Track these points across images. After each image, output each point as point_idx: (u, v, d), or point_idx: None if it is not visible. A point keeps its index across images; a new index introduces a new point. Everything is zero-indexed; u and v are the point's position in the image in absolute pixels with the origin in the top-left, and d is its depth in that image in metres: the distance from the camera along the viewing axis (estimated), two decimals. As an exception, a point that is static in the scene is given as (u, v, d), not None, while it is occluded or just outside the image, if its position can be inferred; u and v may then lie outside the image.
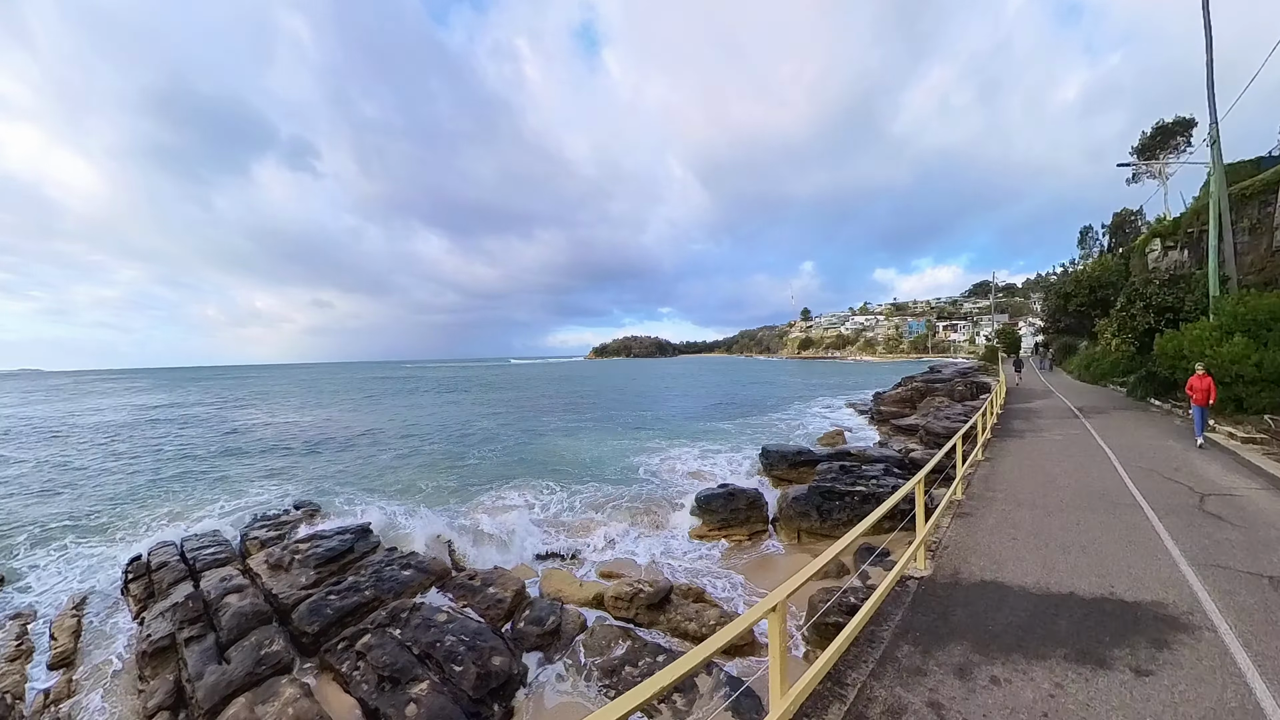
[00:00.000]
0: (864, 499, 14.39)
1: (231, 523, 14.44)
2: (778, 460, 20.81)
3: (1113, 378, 25.80)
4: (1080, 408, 18.07)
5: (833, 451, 20.76)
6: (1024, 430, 13.99)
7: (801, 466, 20.29)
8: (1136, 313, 19.15)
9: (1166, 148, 45.38)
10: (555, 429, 32.79)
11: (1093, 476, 8.89)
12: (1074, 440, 12.28)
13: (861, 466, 17.61)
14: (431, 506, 15.64)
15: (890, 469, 17.25)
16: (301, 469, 22.24)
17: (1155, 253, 29.02)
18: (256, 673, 6.92)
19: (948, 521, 6.96)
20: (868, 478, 15.83)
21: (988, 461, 10.40)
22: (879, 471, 16.76)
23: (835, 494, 14.89)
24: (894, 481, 15.28)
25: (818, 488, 15.30)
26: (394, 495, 17.32)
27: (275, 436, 31.24)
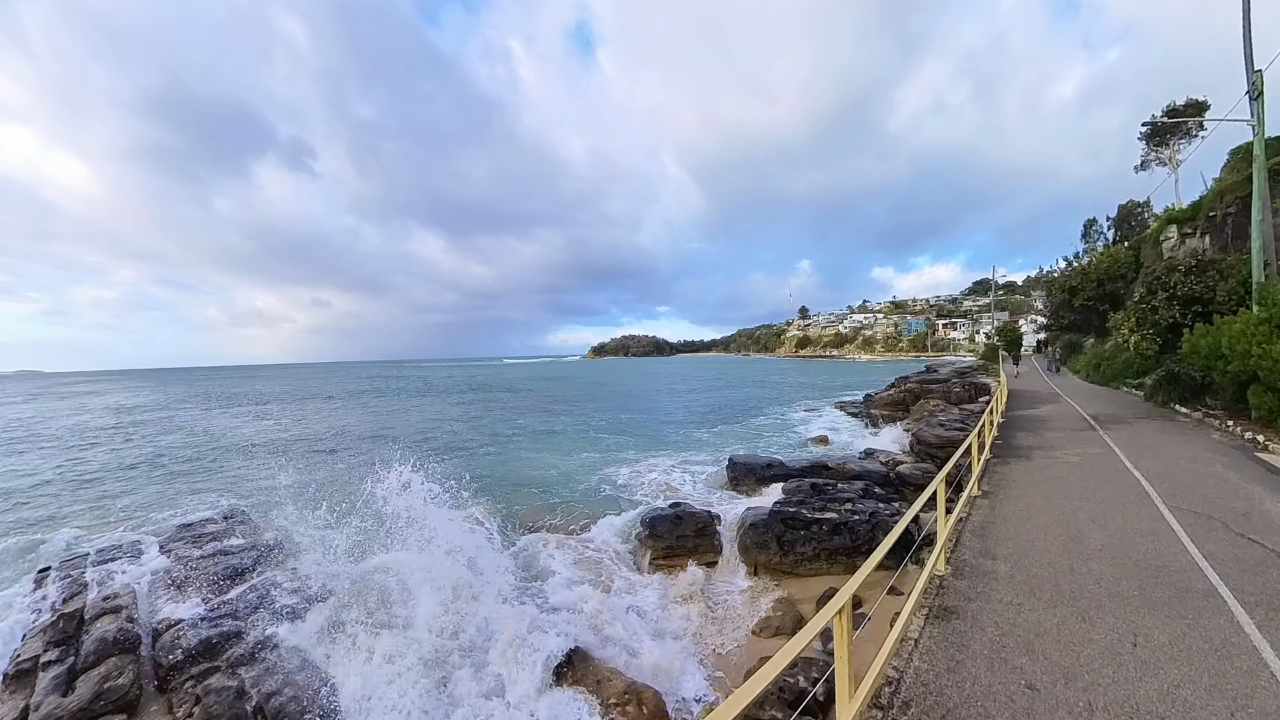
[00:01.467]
0: (833, 530, 11.66)
1: (155, 531, 13.67)
2: (744, 473, 18.26)
3: (1125, 379, 23.09)
4: (1094, 416, 15.37)
5: (807, 464, 18.19)
6: (1030, 448, 11.30)
7: (771, 481, 17.67)
8: (1158, 305, 16.46)
9: (1178, 132, 42.57)
10: (527, 435, 30.45)
11: (1134, 530, 6.22)
12: (1095, 464, 9.60)
13: (837, 485, 14.92)
14: (341, 523, 13.40)
15: (871, 488, 14.65)
16: (250, 474, 20.77)
17: (1171, 240, 26.29)
18: (92, 709, 6.30)
19: (919, 625, 4.30)
20: (841, 500, 13.25)
21: (986, 499, 7.72)
22: (856, 492, 14.18)
23: (800, 522, 12.29)
24: (871, 507, 12.70)
25: (780, 513, 12.68)
26: (328, 505, 15.32)
27: (238, 439, 29.43)
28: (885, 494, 15.26)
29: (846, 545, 11.94)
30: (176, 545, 11.82)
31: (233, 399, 57.66)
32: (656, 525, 12.87)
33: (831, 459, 18.22)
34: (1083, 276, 32.93)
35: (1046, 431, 13.26)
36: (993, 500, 7.57)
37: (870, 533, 12.08)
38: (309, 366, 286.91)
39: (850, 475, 16.87)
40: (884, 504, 14.01)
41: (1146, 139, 43.31)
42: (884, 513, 12.57)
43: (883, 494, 14.63)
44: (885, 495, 14.71)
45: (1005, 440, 12.39)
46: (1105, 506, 7.12)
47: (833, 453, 22.40)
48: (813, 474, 17.64)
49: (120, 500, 17.78)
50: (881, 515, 12.42)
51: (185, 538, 12.43)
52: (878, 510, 12.65)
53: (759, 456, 19.18)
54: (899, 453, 20.40)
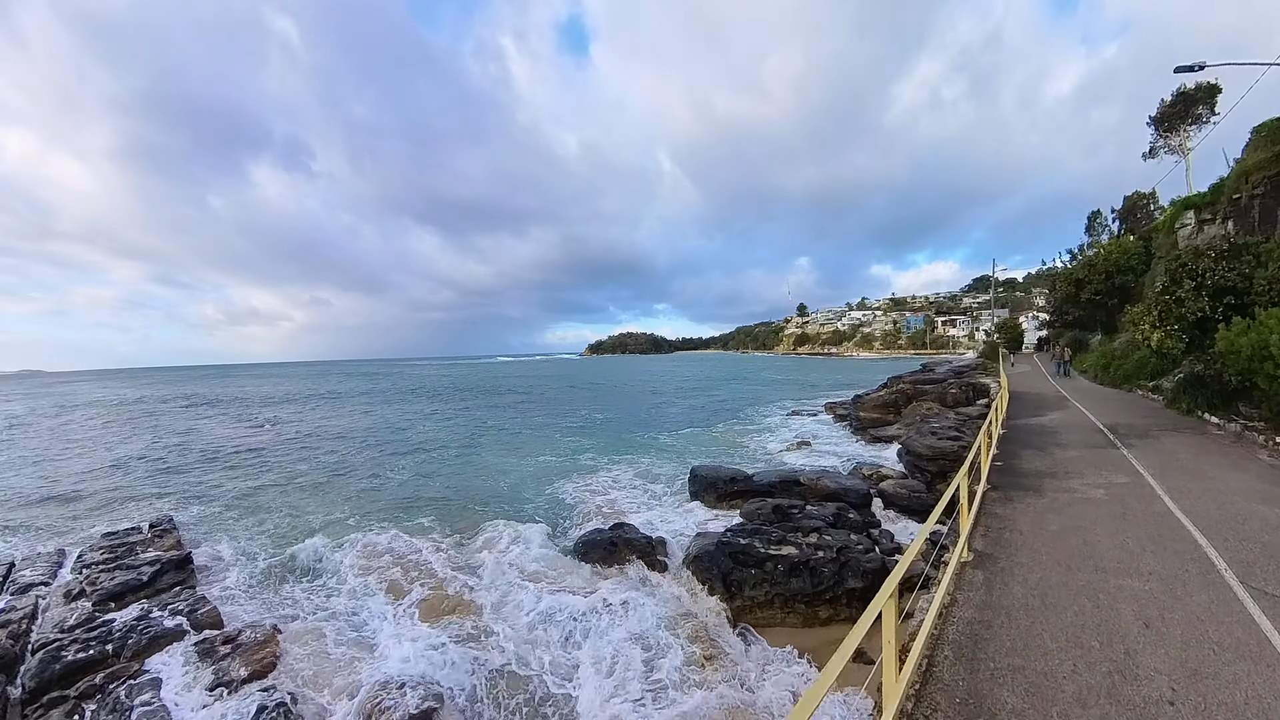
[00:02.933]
0: (791, 570, 9.78)
1: (81, 540, 13.07)
2: (705, 487, 16.08)
3: (1139, 381, 20.63)
4: (1111, 427, 12.94)
5: (777, 478, 15.89)
6: (1040, 475, 8.87)
7: (734, 498, 15.48)
8: (1184, 296, 14.02)
9: (1187, 118, 39.97)
10: (495, 437, 28.82)
11: (1212, 644, 3.83)
12: (1126, 502, 7.18)
13: (805, 507, 12.82)
14: (281, 538, 13.02)
15: (845, 512, 12.37)
16: (203, 480, 19.88)
17: (1188, 228, 23.79)
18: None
19: None
20: (806, 529, 11.02)
21: (980, 569, 5.29)
22: (827, 517, 11.93)
23: (751, 558, 10.26)
24: (841, 540, 10.44)
25: (729, 546, 10.52)
26: (264, 519, 14.76)
27: (204, 443, 28.39)
28: (862, 519, 12.94)
29: (806, 591, 9.63)
30: (92, 555, 11.14)
31: (214, 400, 55.42)
32: (590, 550, 11.45)
33: (806, 472, 15.89)
34: (1090, 269, 30.45)
35: (1057, 449, 10.83)
36: (990, 573, 5.15)
37: (837, 575, 9.75)
38: (306, 365, 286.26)
39: (824, 494, 14.63)
40: (859, 533, 11.70)
41: (1155, 125, 40.69)
42: (856, 548, 10.23)
43: (858, 519, 12.32)
44: (862, 521, 12.40)
45: (1007, 461, 9.97)
46: (1157, 588, 4.70)
47: (811, 463, 20.05)
48: (782, 490, 15.42)
49: (72, 505, 17.08)
50: (852, 552, 10.07)
51: (103, 547, 11.65)
52: (848, 545, 10.33)
53: (723, 468, 16.88)
54: (885, 464, 18.05)
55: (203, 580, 10.47)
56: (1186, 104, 39.07)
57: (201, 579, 10.51)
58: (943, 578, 4.76)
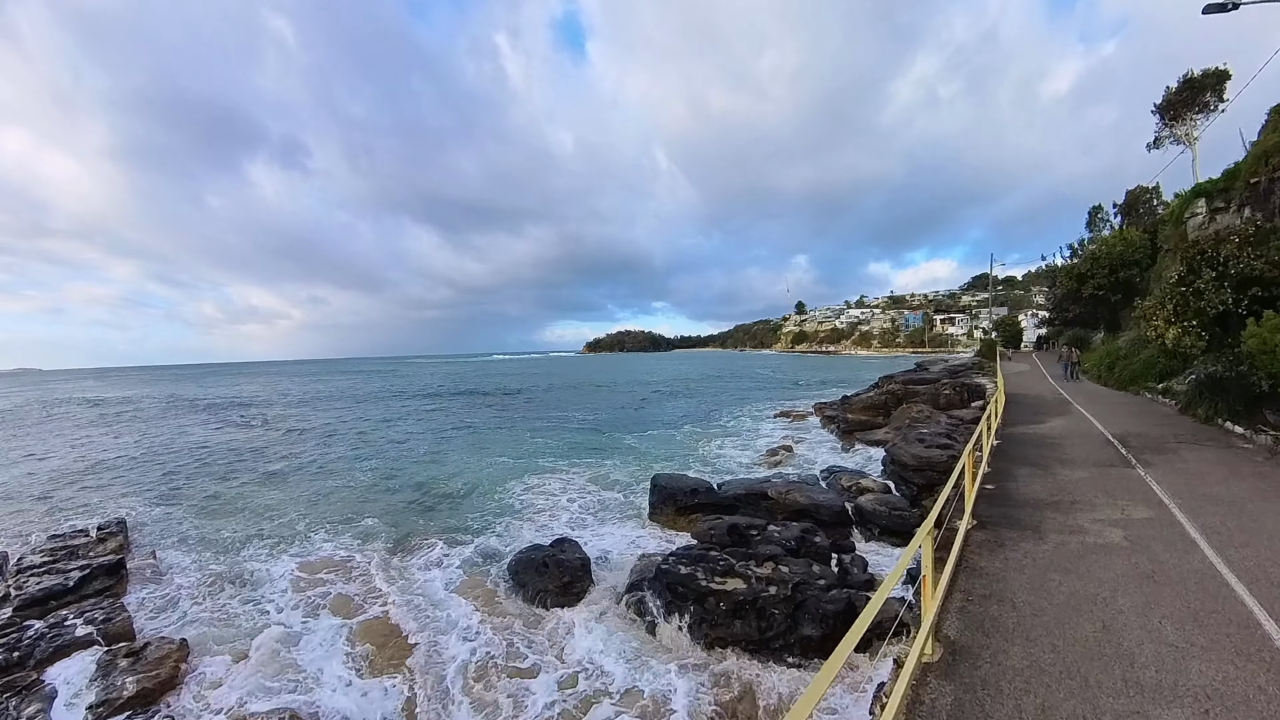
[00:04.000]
0: (735, 609, 8.30)
1: (30, 543, 12.55)
2: (665, 499, 14.40)
3: (1147, 382, 18.84)
4: (1122, 437, 11.15)
5: (743, 490, 14.19)
6: (1040, 506, 7.06)
7: (693, 512, 13.80)
8: (1204, 287, 12.23)
9: (1194, 106, 38.05)
10: (464, 438, 27.82)
11: None
12: (1153, 552, 5.38)
13: (768, 527, 11.28)
14: (227, 545, 12.52)
15: (812, 533, 10.71)
16: (160, 480, 19.49)
17: (1199, 217, 21.97)
18: None
19: None
20: (763, 556, 9.49)
21: (947, 675, 3.49)
22: (790, 540, 10.29)
23: (692, 592, 8.71)
24: (800, 573, 8.76)
25: (668, 574, 9.10)
26: (217, 523, 14.25)
27: (178, 444, 27.66)
28: (832, 542, 11.20)
29: (752, 636, 7.97)
30: (32, 559, 10.76)
31: (199, 399, 53.74)
32: (522, 571, 10.16)
33: (776, 484, 14.14)
34: (1092, 263, 28.62)
35: (1061, 466, 9.03)
36: (963, 689, 3.36)
37: (790, 618, 8.02)
38: (304, 363, 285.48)
39: (793, 510, 12.86)
40: (824, 562, 9.98)
41: (1160, 114, 38.77)
42: (816, 583, 8.50)
43: (825, 544, 10.57)
44: (829, 546, 10.66)
45: (1000, 482, 8.18)
46: None
47: (788, 470, 18.28)
48: (747, 505, 13.65)
49: (34, 506, 16.70)
50: (811, 589, 8.33)
51: (45, 550, 11.26)
52: (808, 580, 8.58)
53: (685, 478, 15.15)
54: (869, 473, 16.28)
55: (134, 587, 10.05)
56: (1193, 91, 37.11)
57: (133, 585, 10.10)
58: (900, 679, 3.03)
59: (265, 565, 11.12)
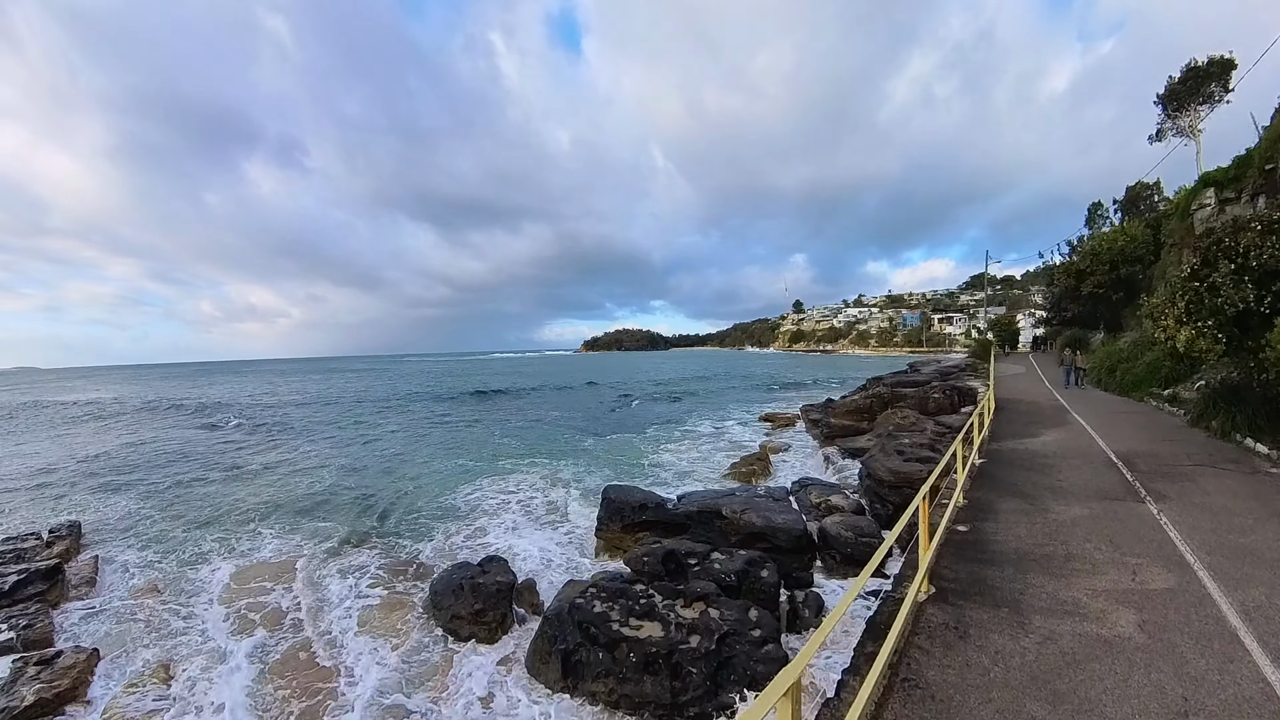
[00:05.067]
0: (645, 663, 6.90)
1: None
2: (613, 514, 12.91)
3: (1151, 388, 17.12)
4: (1127, 457, 9.42)
5: (696, 507, 12.59)
6: (1023, 563, 5.33)
7: (639, 530, 12.41)
8: (1221, 282, 10.51)
9: (1198, 96, 36.20)
10: (435, 437, 27.31)
11: None
12: (1180, 652, 3.69)
13: (710, 556, 9.66)
14: (177, 545, 12.59)
15: (757, 568, 9.11)
16: (128, 481, 19.13)
17: (1208, 208, 20.20)
18: None
19: None
20: (691, 596, 7.98)
21: None
22: (733, 571, 8.89)
23: (602, 638, 7.45)
24: (733, 617, 7.36)
25: (579, 612, 7.77)
26: (174, 525, 14.09)
27: (150, 443, 27.16)
28: (787, 574, 9.56)
29: (663, 699, 6.45)
30: None
31: (190, 398, 52.19)
32: (442, 595, 9.18)
33: (733, 501, 12.45)
34: (1092, 259, 26.84)
35: (1054, 499, 7.30)
36: None
37: (708, 682, 6.45)
38: (303, 361, 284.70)
39: (746, 532, 11.24)
40: (767, 605, 8.33)
41: (1163, 104, 36.90)
42: (749, 634, 6.87)
43: (772, 580, 8.90)
44: (776, 582, 9.01)
45: (977, 521, 6.48)
46: None
47: (755, 485, 16.57)
48: (700, 523, 12.07)
49: None
50: (740, 643, 6.70)
51: None
52: (739, 628, 6.97)
53: (636, 491, 13.54)
54: (842, 490, 14.56)
55: (73, 591, 9.95)
56: (1198, 81, 35.26)
57: (70, 590, 9.96)
58: None
59: (203, 572, 10.97)
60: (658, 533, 12.38)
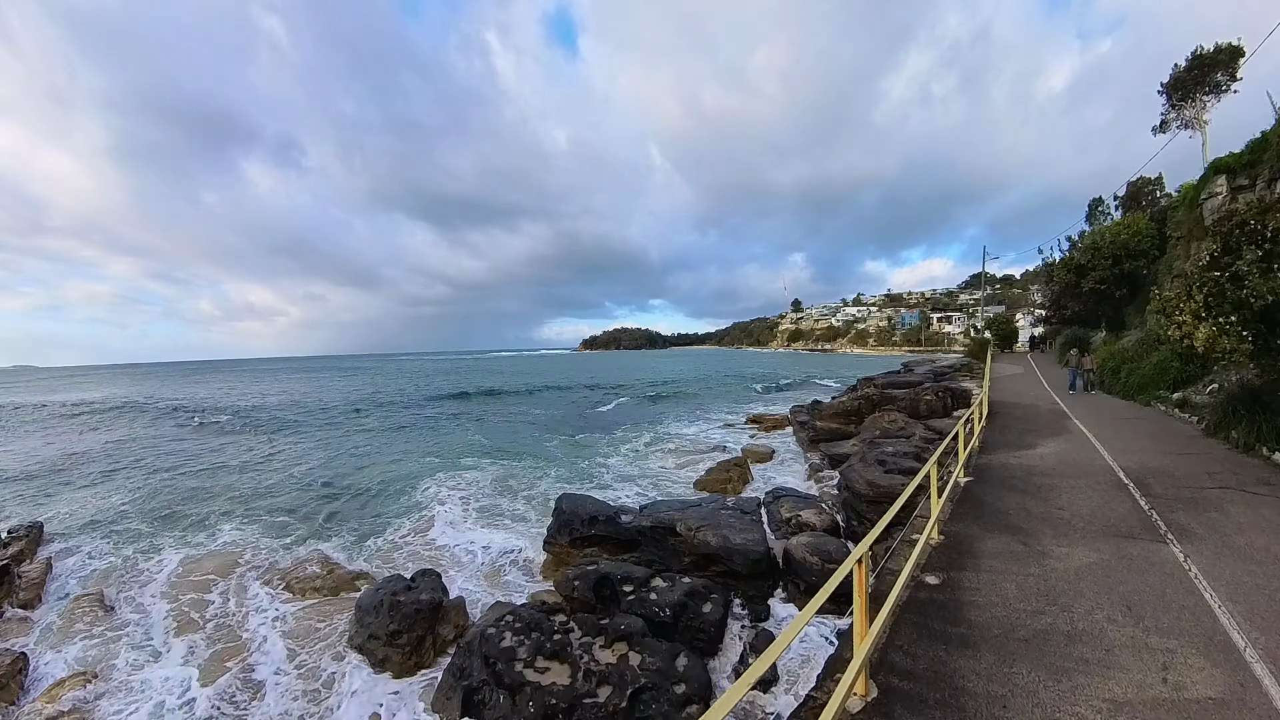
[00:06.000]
0: (545, 715, 5.82)
1: None
2: (563, 526, 11.67)
3: (1159, 391, 15.60)
4: (1139, 477, 7.93)
5: (650, 523, 11.27)
6: (1007, 648, 3.84)
7: (587, 545, 11.24)
8: (1245, 271, 9.01)
9: (1204, 85, 34.60)
10: (405, 435, 27.19)
11: None
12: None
13: (650, 582, 8.57)
14: (133, 538, 12.90)
15: (695, 603, 7.77)
16: (104, 480, 19.10)
17: (1218, 197, 18.66)
18: None
19: None
20: (613, 634, 7.18)
21: None
22: (665, 609, 7.36)
23: (504, 681, 6.51)
24: (655, 665, 6.27)
25: (487, 645, 6.84)
26: (135, 522, 14.13)
27: (132, 442, 26.84)
28: (727, 602, 8.12)
29: None
30: None
31: (181, 398, 50.88)
32: (364, 609, 8.57)
33: (694, 515, 11.07)
34: (1094, 253, 25.28)
35: (1052, 538, 5.80)
36: None
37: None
38: (300, 360, 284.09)
39: (700, 552, 9.85)
40: (703, 648, 6.97)
41: (1167, 94, 35.29)
42: (669, 689, 5.39)
43: (715, 616, 7.47)
44: (722, 616, 7.57)
45: (951, 573, 5.00)
46: None
47: (726, 495, 15.10)
48: (653, 540, 10.77)
49: None
50: (659, 700, 5.21)
51: None
52: (660, 681, 5.63)
53: (589, 502, 12.24)
54: (820, 502, 13.07)
55: (20, 589, 9.97)
56: (1204, 69, 33.63)
57: (21, 588, 10.00)
58: None
59: (150, 574, 10.98)
60: (608, 549, 11.05)
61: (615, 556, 10.83)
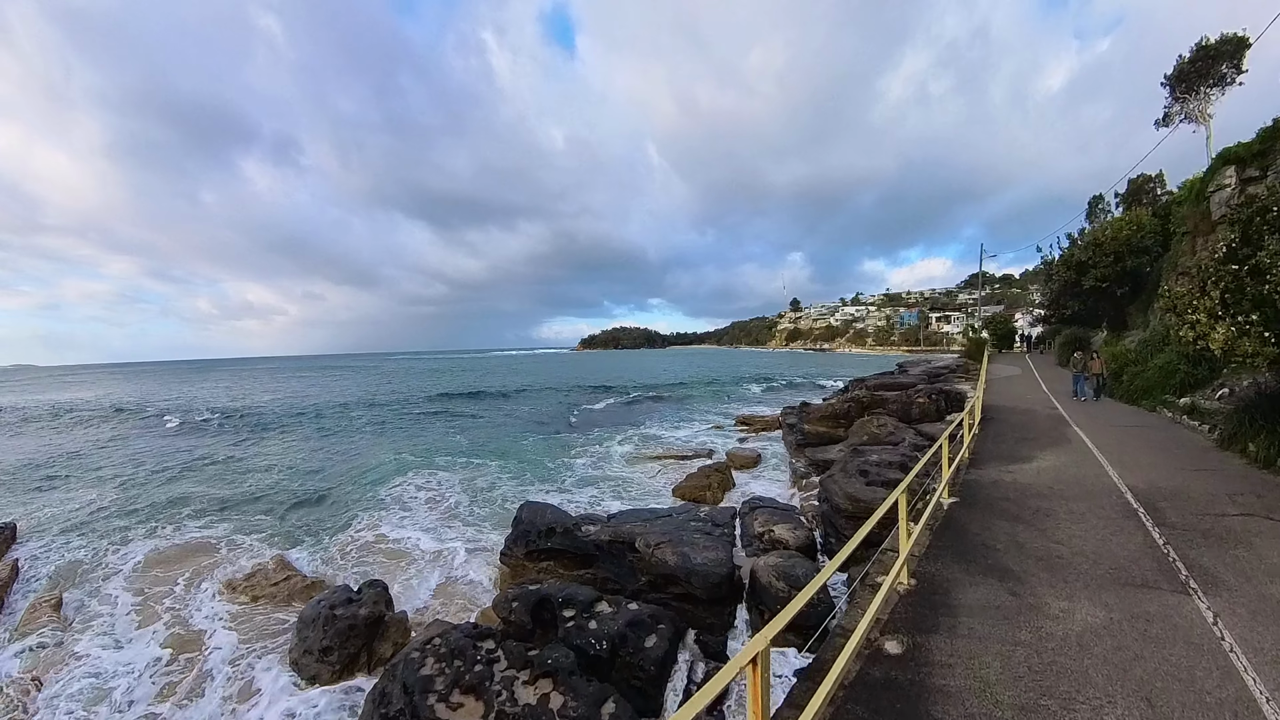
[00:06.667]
0: None
1: None
2: (520, 536, 10.67)
3: (1165, 395, 14.52)
4: (1149, 499, 6.85)
5: (609, 537, 10.26)
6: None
7: (544, 558, 10.43)
8: (1269, 264, 7.92)
9: (1209, 78, 33.44)
10: (391, 435, 26.66)
11: None
12: None
13: (594, 607, 7.64)
14: (102, 534, 12.92)
15: (639, 633, 6.91)
16: (85, 479, 18.95)
17: (1227, 189, 17.55)
18: None
19: None
20: (540, 669, 6.34)
21: None
22: (600, 642, 6.22)
23: (420, 711, 5.53)
24: (574, 715, 4.92)
25: (406, 673, 6.07)
26: (104, 519, 14.20)
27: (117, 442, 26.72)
28: (674, 638, 7.06)
29: None
30: None
31: (174, 397, 49.91)
32: (304, 621, 8.08)
33: (657, 529, 10.06)
34: (1095, 250, 24.16)
35: (1049, 584, 4.72)
36: None
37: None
38: (299, 359, 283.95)
39: (658, 572, 8.78)
40: (641, 689, 6.04)
41: (1171, 86, 34.12)
42: None
43: (658, 651, 6.48)
44: (665, 652, 6.48)
45: (920, 628, 3.93)
46: None
47: (697, 503, 14.04)
48: (611, 556, 9.74)
49: None
50: None
51: None
52: None
53: (548, 511, 11.20)
54: (797, 514, 11.98)
55: None
56: (1209, 61, 32.46)
57: None
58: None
59: (109, 589, 10.55)
60: (564, 563, 10.04)
61: (572, 572, 9.85)
